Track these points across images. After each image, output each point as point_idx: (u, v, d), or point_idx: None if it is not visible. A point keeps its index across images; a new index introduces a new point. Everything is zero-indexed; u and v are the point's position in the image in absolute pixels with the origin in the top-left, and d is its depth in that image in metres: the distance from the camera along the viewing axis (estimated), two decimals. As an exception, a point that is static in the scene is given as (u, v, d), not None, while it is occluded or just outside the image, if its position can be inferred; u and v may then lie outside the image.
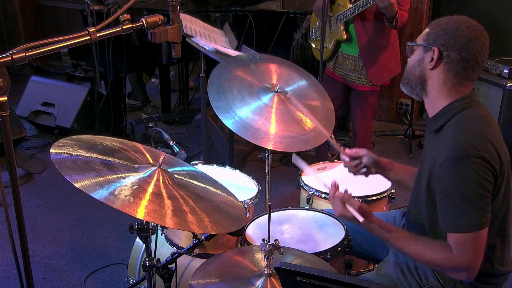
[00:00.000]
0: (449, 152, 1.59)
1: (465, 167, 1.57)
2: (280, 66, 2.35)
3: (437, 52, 1.67)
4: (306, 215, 2.24)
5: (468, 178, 1.57)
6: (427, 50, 1.71)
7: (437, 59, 1.68)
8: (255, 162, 4.19)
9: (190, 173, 1.82)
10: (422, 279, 1.82)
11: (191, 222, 1.51)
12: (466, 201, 1.57)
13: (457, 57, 1.66)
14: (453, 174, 1.58)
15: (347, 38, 3.36)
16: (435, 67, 1.69)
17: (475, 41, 1.65)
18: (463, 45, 1.65)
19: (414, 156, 4.35)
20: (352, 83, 3.45)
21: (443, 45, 1.67)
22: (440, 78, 1.70)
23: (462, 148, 1.58)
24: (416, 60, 1.75)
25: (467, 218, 1.58)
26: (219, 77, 2.17)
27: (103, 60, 4.20)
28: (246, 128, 2.02)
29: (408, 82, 1.79)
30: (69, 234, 3.33)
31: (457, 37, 1.66)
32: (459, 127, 1.65)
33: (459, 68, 1.67)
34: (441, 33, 1.68)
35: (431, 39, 1.70)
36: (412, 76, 1.76)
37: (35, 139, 4.63)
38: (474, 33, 1.66)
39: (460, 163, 1.57)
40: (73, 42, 1.46)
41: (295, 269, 1.27)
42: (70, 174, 1.45)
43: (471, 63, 1.66)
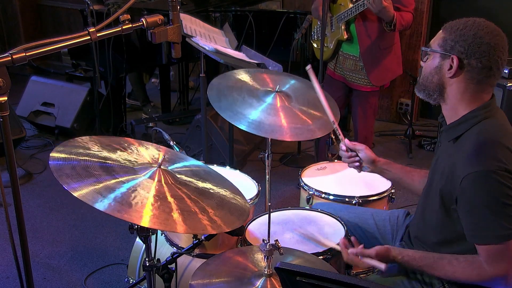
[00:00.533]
0: (473, 166, 1.55)
1: (491, 181, 1.53)
2: (270, 74, 2.47)
3: (457, 61, 1.61)
4: (306, 215, 2.24)
5: (495, 191, 1.54)
6: (444, 57, 1.64)
7: (457, 67, 1.61)
8: (255, 162, 4.19)
9: (191, 169, 1.81)
10: (426, 283, 1.80)
11: (201, 223, 1.51)
12: (494, 213, 1.55)
13: (478, 65, 1.59)
14: (479, 188, 1.55)
15: (348, 38, 3.35)
16: (455, 75, 1.63)
17: (496, 48, 1.59)
18: (484, 53, 1.58)
19: (414, 156, 4.35)
20: (352, 83, 3.44)
21: (462, 52, 1.60)
22: (460, 86, 1.64)
23: (487, 162, 1.54)
24: (433, 67, 1.68)
25: (496, 229, 1.55)
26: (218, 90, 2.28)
27: (103, 60, 4.20)
28: (261, 126, 2.11)
29: (425, 89, 1.73)
30: (69, 234, 3.33)
31: (477, 44, 1.58)
32: (482, 138, 1.60)
33: (481, 77, 1.61)
34: (458, 40, 1.61)
35: (448, 46, 1.63)
36: (430, 83, 1.70)
37: (35, 139, 4.63)
38: (495, 39, 1.59)
39: (486, 178, 1.54)
40: (73, 42, 1.46)
41: (295, 269, 1.26)
42: (68, 182, 1.44)
43: (493, 71, 1.61)
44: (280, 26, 4.14)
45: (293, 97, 2.27)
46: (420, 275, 1.82)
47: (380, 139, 4.68)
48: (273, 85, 2.30)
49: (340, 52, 3.46)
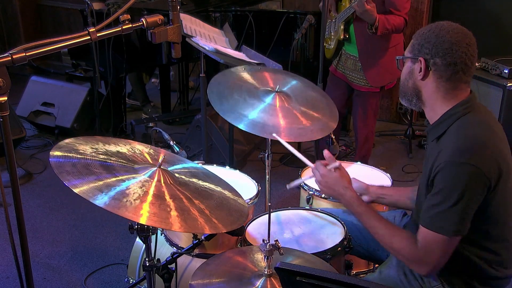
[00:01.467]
0: (447, 156, 1.60)
1: (459, 172, 1.58)
2: (271, 72, 2.47)
3: (424, 62, 1.69)
4: (306, 215, 2.24)
5: (460, 184, 1.58)
6: (414, 61, 1.74)
7: (425, 68, 1.70)
8: (255, 162, 4.19)
9: (190, 171, 1.82)
10: (425, 282, 1.81)
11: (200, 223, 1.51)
12: (451, 204, 1.59)
13: (443, 63, 1.67)
14: (447, 176, 1.60)
15: (345, 38, 3.36)
16: (425, 76, 1.71)
17: (458, 44, 1.66)
18: (446, 50, 1.66)
19: (414, 156, 4.35)
20: (352, 82, 3.45)
21: (427, 53, 1.69)
22: (432, 87, 1.72)
23: (460, 154, 1.59)
24: (406, 73, 1.78)
25: (446, 220, 1.60)
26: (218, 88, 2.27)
27: (103, 60, 4.20)
28: (259, 126, 2.12)
29: (404, 95, 1.82)
30: (69, 234, 3.33)
31: (440, 43, 1.67)
32: (460, 133, 1.65)
33: (448, 74, 1.68)
34: (423, 42, 1.70)
35: (416, 50, 1.72)
36: (407, 88, 1.79)
37: (35, 139, 4.63)
38: (456, 36, 1.66)
39: (455, 168, 1.58)
40: (73, 42, 1.46)
41: (295, 269, 1.26)
42: (69, 179, 1.44)
43: (459, 66, 1.67)
44: (280, 26, 4.14)
45: (293, 97, 2.27)
46: (418, 273, 1.82)
47: (380, 139, 4.68)
48: (274, 85, 2.30)
49: (343, 51, 3.48)
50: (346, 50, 3.45)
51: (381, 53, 3.31)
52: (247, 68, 2.42)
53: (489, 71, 3.87)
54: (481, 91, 3.90)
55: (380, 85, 3.40)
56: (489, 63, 3.86)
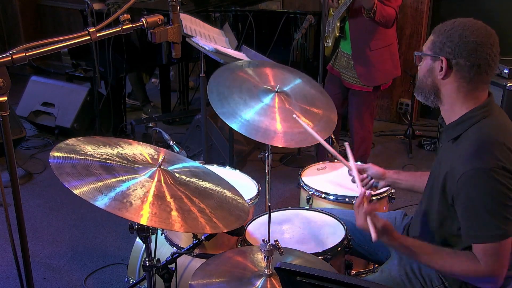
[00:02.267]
0: (471, 163, 1.56)
1: (488, 179, 1.54)
2: (273, 68, 2.43)
3: (446, 62, 1.64)
4: (306, 215, 2.24)
5: (492, 190, 1.55)
6: (435, 59, 1.68)
7: (447, 68, 1.64)
8: (255, 162, 4.19)
9: (190, 170, 1.82)
10: (426, 282, 1.81)
11: (201, 223, 1.51)
12: (490, 212, 1.56)
13: (466, 64, 1.62)
14: (476, 186, 1.56)
15: (340, 35, 3.37)
16: (446, 76, 1.66)
17: (482, 45, 1.61)
18: (470, 51, 1.61)
19: (414, 156, 4.35)
20: (344, 80, 3.45)
21: (450, 53, 1.63)
22: (453, 87, 1.67)
23: (484, 159, 1.56)
24: (425, 70, 1.72)
25: (492, 228, 1.57)
26: (218, 85, 2.25)
27: (103, 60, 4.20)
28: (255, 129, 2.09)
29: (421, 92, 1.76)
30: (69, 234, 3.33)
31: (464, 43, 1.61)
32: (480, 137, 1.62)
33: (471, 75, 1.63)
34: (445, 41, 1.64)
35: (437, 48, 1.66)
36: (425, 85, 1.73)
37: (35, 139, 4.63)
38: (481, 36, 1.62)
39: (483, 176, 1.55)
40: (73, 42, 1.46)
41: (295, 269, 1.26)
42: (69, 180, 1.44)
43: (483, 68, 1.63)
44: (280, 26, 4.14)
45: (293, 98, 2.25)
46: (418, 271, 1.82)
47: (380, 139, 4.68)
48: (275, 83, 2.28)
49: (339, 49, 3.49)
50: (341, 48, 3.46)
51: (374, 52, 3.30)
52: (245, 65, 2.39)
53: (489, 71, 3.87)
54: (481, 91, 3.90)
55: (372, 85, 3.39)
56: (489, 63, 3.86)
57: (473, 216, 1.59)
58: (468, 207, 1.59)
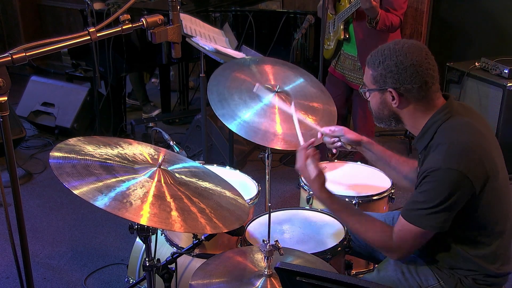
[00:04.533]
0: (434, 162, 1.62)
1: (445, 178, 1.60)
2: (274, 66, 2.43)
3: (395, 92, 1.70)
4: (306, 215, 2.24)
5: (445, 189, 1.60)
6: (383, 91, 1.73)
7: (398, 97, 1.70)
8: (255, 162, 4.19)
9: (191, 170, 1.82)
10: (422, 280, 1.82)
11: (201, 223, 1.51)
12: (433, 205, 1.62)
13: (414, 87, 1.67)
14: (433, 179, 1.61)
15: (345, 38, 3.36)
16: (400, 103, 1.72)
17: (420, 64, 1.66)
18: (412, 74, 1.66)
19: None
20: (351, 82, 3.45)
21: (394, 83, 1.68)
22: (410, 109, 1.73)
23: (447, 159, 1.61)
24: (378, 103, 1.78)
25: (423, 216, 1.64)
26: (217, 85, 2.25)
27: (103, 60, 4.20)
28: (255, 131, 2.10)
29: (382, 121, 1.83)
30: (69, 234, 3.33)
31: (403, 70, 1.66)
32: (446, 138, 1.67)
33: (423, 93, 1.69)
34: (385, 73, 1.69)
35: (381, 81, 1.72)
36: (383, 116, 1.80)
37: (35, 139, 4.63)
38: (414, 55, 1.66)
39: (442, 173, 1.60)
40: (73, 42, 1.46)
41: (295, 269, 1.27)
42: (69, 180, 1.44)
43: (430, 82, 1.68)
44: (280, 26, 4.13)
45: (293, 97, 2.25)
46: (415, 270, 1.84)
47: (380, 139, 4.64)
48: (275, 82, 2.28)
49: (342, 51, 3.48)
50: (344, 50, 3.45)
51: None
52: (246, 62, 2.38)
53: (489, 71, 3.87)
54: (481, 91, 3.90)
55: None
56: (489, 63, 3.86)
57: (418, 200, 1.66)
58: (420, 193, 1.65)
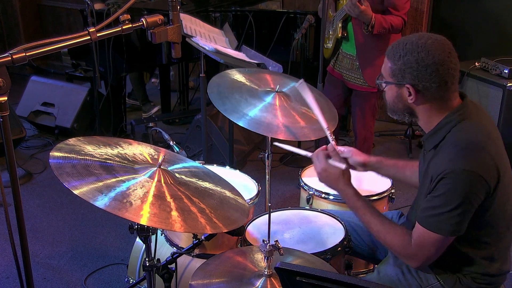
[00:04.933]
0: (446, 165, 1.60)
1: (460, 179, 1.57)
2: (271, 74, 2.46)
3: (412, 89, 1.66)
4: (306, 215, 2.24)
5: (461, 190, 1.58)
6: (400, 86, 1.70)
7: (415, 93, 1.67)
8: (255, 162, 4.19)
9: (191, 170, 1.82)
10: (422, 280, 1.82)
11: (201, 223, 1.51)
12: (450, 209, 1.59)
13: (433, 86, 1.64)
14: (448, 182, 1.59)
15: (343, 36, 3.36)
16: (417, 100, 1.69)
17: (442, 63, 1.62)
18: (432, 73, 1.62)
19: (414, 156, 4.35)
20: (349, 82, 3.44)
21: (413, 79, 1.65)
22: (426, 106, 1.70)
23: (460, 161, 1.59)
24: (394, 97, 1.74)
25: (442, 221, 1.61)
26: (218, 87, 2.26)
27: (103, 60, 4.20)
28: (259, 124, 2.11)
29: (395, 113, 1.80)
30: (69, 234, 3.33)
31: (423, 68, 1.62)
32: (459, 140, 1.65)
33: (441, 93, 1.66)
34: (404, 68, 1.66)
35: (399, 76, 1.68)
36: (397, 109, 1.77)
37: (35, 139, 4.63)
38: (437, 54, 1.62)
39: (457, 175, 1.58)
40: (73, 42, 1.46)
41: (295, 269, 1.27)
42: (69, 180, 1.44)
43: (450, 81, 1.65)
44: (280, 26, 4.13)
45: (292, 98, 2.27)
46: (415, 270, 1.84)
47: (380, 139, 4.68)
48: (274, 85, 2.30)
49: (340, 50, 3.47)
50: (343, 49, 3.45)
51: (379, 52, 3.29)
52: (242, 71, 2.41)
53: (489, 71, 3.87)
54: (481, 91, 3.90)
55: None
56: (489, 63, 3.86)
57: (433, 204, 1.62)
58: (434, 197, 1.62)
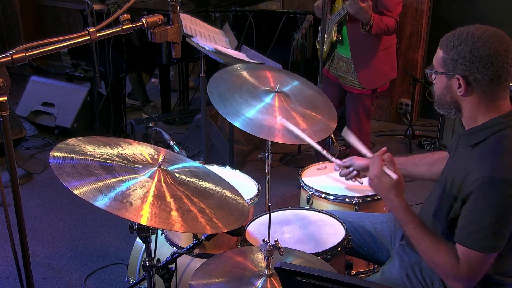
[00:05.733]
0: (487, 171, 1.53)
1: (499, 189, 1.51)
2: (272, 71, 2.44)
3: (463, 80, 1.58)
4: (306, 215, 2.24)
5: (499, 201, 1.52)
6: (450, 77, 1.62)
7: (465, 85, 1.59)
8: (255, 162, 4.19)
9: (191, 170, 1.82)
10: (428, 284, 1.80)
11: (201, 223, 1.51)
12: (490, 225, 1.53)
13: (485, 78, 1.56)
14: (485, 193, 1.53)
15: (338, 40, 3.37)
16: (466, 93, 1.60)
17: (497, 56, 1.54)
18: (486, 65, 1.54)
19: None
20: (344, 84, 3.46)
21: (465, 70, 1.57)
22: (474, 100, 1.62)
23: (501, 169, 1.52)
24: (443, 88, 1.67)
25: (482, 238, 1.55)
26: (218, 87, 2.25)
27: (103, 60, 4.20)
28: (259, 127, 2.09)
29: (442, 107, 1.72)
30: (69, 234, 3.33)
31: (477, 59, 1.55)
32: (502, 146, 1.57)
33: (492, 87, 1.58)
34: (457, 58, 1.58)
35: (450, 66, 1.61)
36: (444, 102, 1.69)
37: (35, 139, 4.63)
38: (493, 46, 1.54)
39: (495, 185, 1.52)
40: (73, 42, 1.46)
41: (295, 269, 1.26)
42: (69, 180, 1.44)
43: (503, 77, 1.57)
44: (280, 26, 4.14)
45: (293, 98, 2.26)
46: (420, 273, 1.83)
47: (380, 139, 4.68)
48: (275, 84, 2.29)
49: (335, 53, 3.48)
50: (338, 52, 3.46)
51: (374, 55, 3.31)
52: (242, 67, 2.40)
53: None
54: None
55: (373, 87, 3.40)
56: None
57: (471, 220, 1.57)
58: (472, 211, 1.56)
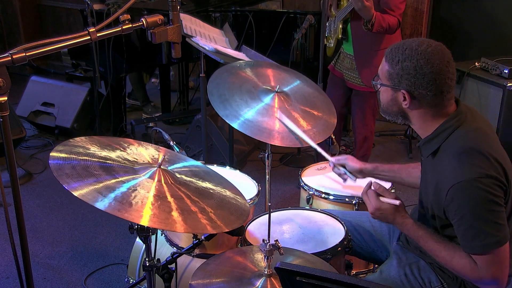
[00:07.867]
0: (455, 177, 1.57)
1: (475, 189, 1.54)
2: (272, 68, 2.43)
3: (408, 94, 1.65)
4: (306, 215, 2.24)
5: (480, 198, 1.55)
6: (395, 90, 1.69)
7: (410, 99, 1.66)
8: (255, 162, 4.19)
9: (191, 169, 1.82)
10: (425, 282, 1.81)
11: (201, 223, 1.51)
12: (480, 221, 1.56)
13: (428, 94, 1.63)
14: (463, 197, 1.56)
15: (342, 37, 3.37)
16: (411, 105, 1.67)
17: (440, 72, 1.61)
18: (429, 82, 1.61)
19: (414, 156, 4.35)
20: (348, 81, 3.46)
21: (410, 86, 1.64)
22: (420, 111, 1.69)
23: (466, 171, 1.56)
24: (389, 99, 1.73)
25: (484, 238, 1.56)
26: (218, 87, 2.24)
27: (103, 60, 4.20)
28: (260, 130, 2.08)
29: (388, 115, 1.79)
30: (69, 234, 3.33)
31: (421, 76, 1.61)
32: (459, 148, 1.62)
33: (437, 101, 1.64)
34: (402, 73, 1.64)
35: (396, 80, 1.67)
36: (391, 111, 1.76)
37: (35, 139, 4.63)
38: (436, 63, 1.60)
39: (469, 186, 1.55)
40: (73, 42, 1.46)
41: (295, 269, 1.27)
42: (68, 182, 1.43)
43: (445, 91, 1.63)
44: (280, 26, 4.14)
45: (293, 98, 2.26)
46: (418, 272, 1.84)
47: (380, 139, 4.68)
48: (275, 83, 2.28)
49: (341, 50, 3.49)
50: (344, 49, 3.47)
51: (376, 53, 3.30)
52: (242, 65, 2.39)
53: (489, 71, 3.87)
54: (481, 91, 3.90)
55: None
56: (489, 63, 3.86)
57: (465, 227, 1.59)
58: (461, 220, 1.59)
